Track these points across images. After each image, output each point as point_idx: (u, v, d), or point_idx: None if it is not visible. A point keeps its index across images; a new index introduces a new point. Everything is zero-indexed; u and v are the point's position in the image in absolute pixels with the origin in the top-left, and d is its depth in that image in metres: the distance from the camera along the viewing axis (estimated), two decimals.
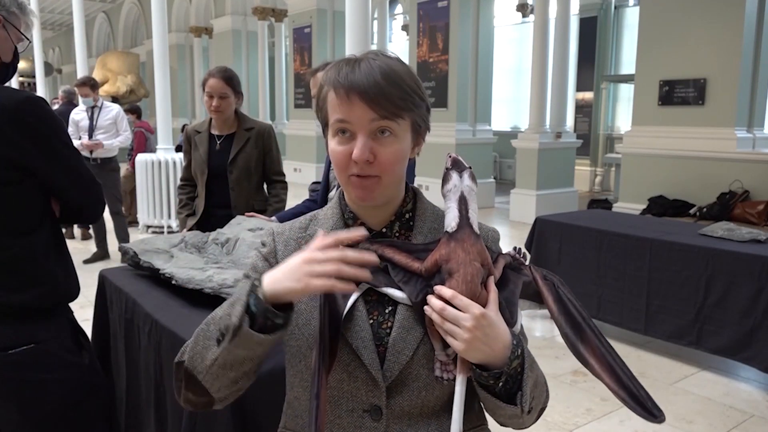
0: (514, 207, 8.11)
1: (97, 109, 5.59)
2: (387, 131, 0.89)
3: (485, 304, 0.86)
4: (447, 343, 0.87)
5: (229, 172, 2.78)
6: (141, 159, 6.85)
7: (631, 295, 3.57)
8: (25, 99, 1.37)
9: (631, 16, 10.32)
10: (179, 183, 3.03)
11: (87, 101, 5.55)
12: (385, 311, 0.93)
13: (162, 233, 6.55)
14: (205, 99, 2.73)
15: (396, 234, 0.98)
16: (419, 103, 0.92)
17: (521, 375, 0.87)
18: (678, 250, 3.34)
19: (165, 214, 6.83)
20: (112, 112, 5.65)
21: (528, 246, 4.15)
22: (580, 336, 0.88)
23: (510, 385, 0.87)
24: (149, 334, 1.68)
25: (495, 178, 10.24)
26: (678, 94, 6.47)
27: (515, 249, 0.99)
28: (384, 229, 0.98)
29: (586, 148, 10.49)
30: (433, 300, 0.86)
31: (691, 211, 6.20)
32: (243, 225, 2.15)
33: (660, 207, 6.42)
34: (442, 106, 8.79)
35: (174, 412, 1.56)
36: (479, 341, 0.83)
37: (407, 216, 0.99)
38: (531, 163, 7.88)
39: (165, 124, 6.90)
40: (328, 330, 0.86)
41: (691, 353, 3.47)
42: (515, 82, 12.49)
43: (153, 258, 1.95)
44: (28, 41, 1.53)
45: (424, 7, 9.06)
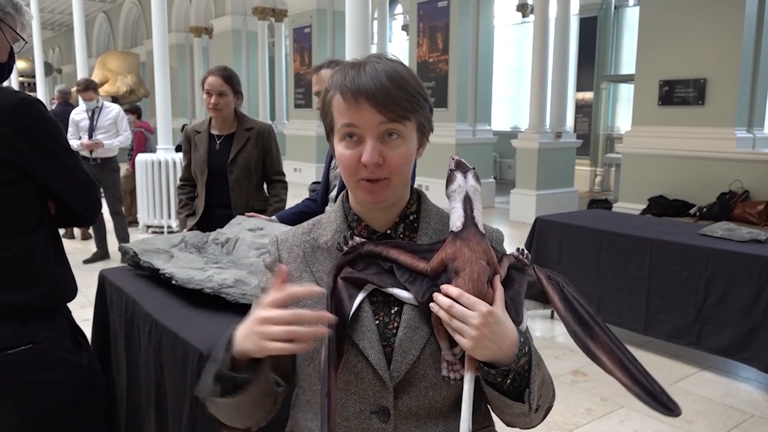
0: (514, 207, 8.11)
1: (98, 110, 5.60)
2: (395, 134, 0.90)
3: (492, 302, 0.86)
4: (454, 343, 0.87)
5: (229, 172, 2.79)
6: (141, 159, 6.86)
7: (631, 295, 3.57)
8: (22, 100, 1.37)
9: (631, 16, 10.32)
10: (179, 183, 3.03)
11: (90, 104, 5.55)
12: (391, 312, 0.93)
13: (162, 233, 6.55)
14: (204, 97, 2.74)
15: (400, 235, 0.98)
16: (423, 104, 0.93)
17: (529, 372, 0.87)
18: (678, 250, 3.34)
19: (165, 214, 6.83)
20: (112, 112, 5.65)
21: (528, 246, 4.15)
22: (589, 333, 0.87)
23: (518, 383, 0.87)
24: (149, 334, 1.68)
25: (495, 178, 10.24)
26: (678, 94, 6.47)
27: (518, 250, 0.99)
28: (388, 231, 0.98)
29: (586, 148, 10.50)
30: (441, 298, 0.86)
31: (691, 211, 6.20)
32: (243, 225, 2.15)
33: (660, 207, 6.42)
34: (442, 106, 8.78)
35: (174, 412, 1.55)
36: (487, 339, 0.83)
37: (411, 217, 1.00)
38: (531, 163, 7.88)
39: (165, 124, 6.91)
40: (335, 330, 0.86)
41: (691, 353, 3.47)
42: (515, 82, 12.48)
43: (153, 258, 1.94)
44: (24, 41, 1.53)
45: (424, 7, 9.06)
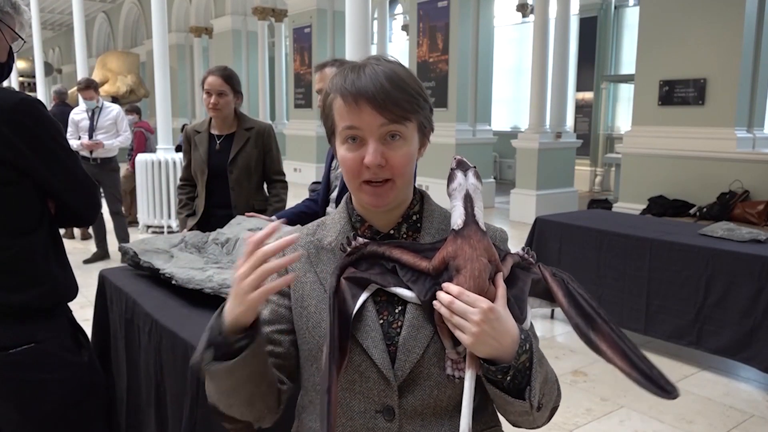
0: (514, 207, 8.11)
1: (98, 110, 5.59)
2: (396, 135, 0.90)
3: (494, 299, 0.87)
4: (457, 341, 0.87)
5: (229, 171, 2.79)
6: (141, 159, 6.86)
7: (631, 295, 3.57)
8: (22, 101, 1.37)
9: (631, 16, 10.32)
10: (179, 183, 3.03)
11: (90, 104, 5.55)
12: (395, 311, 0.93)
13: (162, 233, 6.55)
14: (204, 97, 2.74)
15: (403, 236, 0.99)
16: (423, 105, 0.94)
17: (530, 370, 0.87)
18: (678, 250, 3.34)
19: (165, 214, 6.83)
20: (112, 112, 5.65)
21: (528, 246, 4.15)
22: (590, 325, 0.89)
23: (519, 380, 0.86)
24: (149, 334, 1.68)
25: (495, 178, 10.24)
26: (678, 94, 6.47)
27: (524, 249, 1.00)
28: (391, 231, 0.99)
29: (586, 148, 10.49)
30: (442, 294, 0.86)
31: (691, 211, 6.20)
32: (243, 225, 2.15)
33: (660, 207, 6.42)
34: (442, 106, 8.78)
35: (174, 412, 1.56)
36: (487, 335, 0.84)
37: (415, 218, 1.00)
38: (531, 163, 7.88)
39: (165, 124, 6.90)
40: (337, 330, 0.86)
41: (691, 353, 3.47)
42: (515, 82, 12.48)
43: (153, 258, 1.95)
44: (23, 41, 1.53)
45: (424, 7, 9.06)
